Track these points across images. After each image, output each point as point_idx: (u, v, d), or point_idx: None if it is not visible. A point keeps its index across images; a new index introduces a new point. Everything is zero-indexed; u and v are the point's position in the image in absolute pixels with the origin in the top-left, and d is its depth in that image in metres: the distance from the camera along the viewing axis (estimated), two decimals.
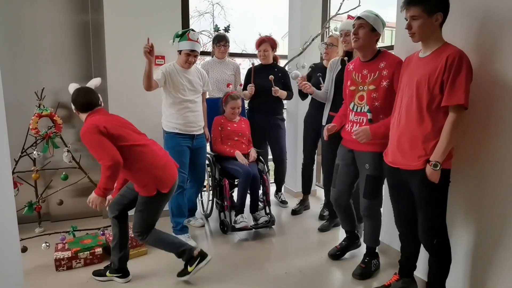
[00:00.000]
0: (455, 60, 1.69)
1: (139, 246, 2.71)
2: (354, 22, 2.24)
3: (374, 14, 2.21)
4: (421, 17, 1.76)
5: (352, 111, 2.35)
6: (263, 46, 3.47)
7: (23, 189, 2.85)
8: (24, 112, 2.93)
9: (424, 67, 1.81)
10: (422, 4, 1.75)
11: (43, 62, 3.14)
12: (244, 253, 2.79)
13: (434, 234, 1.89)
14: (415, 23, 1.79)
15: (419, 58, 1.89)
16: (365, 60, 2.29)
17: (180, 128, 2.88)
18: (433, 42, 1.82)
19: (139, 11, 3.12)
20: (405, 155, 1.89)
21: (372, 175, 2.29)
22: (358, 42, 2.22)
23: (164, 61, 3.22)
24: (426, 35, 1.80)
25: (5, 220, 1.65)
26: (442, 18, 1.76)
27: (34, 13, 3.07)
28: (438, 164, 1.75)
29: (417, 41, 1.86)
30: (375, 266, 2.47)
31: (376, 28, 2.20)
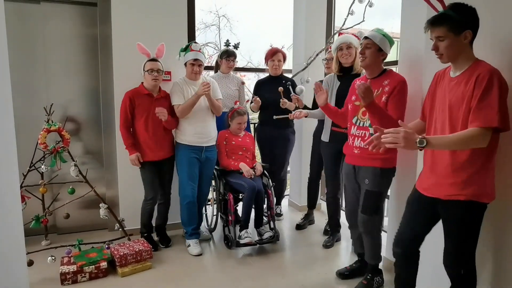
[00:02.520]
0: (485, 78, 1.55)
1: (143, 260, 2.72)
2: (362, 42, 2.28)
3: (381, 34, 2.24)
4: (447, 37, 1.63)
5: (354, 125, 2.37)
6: (277, 56, 3.52)
7: (30, 202, 2.89)
8: (33, 127, 2.99)
9: (456, 89, 1.68)
10: (448, 23, 1.62)
11: (52, 76, 3.22)
12: (248, 269, 2.78)
13: (462, 264, 1.76)
14: (441, 44, 1.66)
15: (450, 78, 1.74)
16: (371, 77, 2.33)
17: (189, 140, 2.96)
18: (463, 61, 1.68)
19: (146, 24, 3.19)
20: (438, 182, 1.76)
21: (371, 190, 2.28)
22: (365, 61, 2.26)
23: (170, 76, 3.28)
24: (455, 55, 1.67)
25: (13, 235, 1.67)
26: (471, 35, 1.63)
27: (45, 27, 3.15)
28: (424, 142, 1.55)
29: (446, 62, 1.73)
30: (377, 283, 2.44)
31: (383, 48, 2.24)
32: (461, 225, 1.71)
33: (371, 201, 2.30)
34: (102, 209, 2.89)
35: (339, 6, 4.08)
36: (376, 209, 2.33)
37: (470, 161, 1.65)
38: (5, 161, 1.61)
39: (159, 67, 2.91)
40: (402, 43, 2.49)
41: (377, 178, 2.25)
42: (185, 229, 3.09)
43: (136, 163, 2.90)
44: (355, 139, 2.35)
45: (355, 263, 2.68)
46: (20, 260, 1.74)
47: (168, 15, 3.28)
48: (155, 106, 2.91)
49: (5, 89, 1.62)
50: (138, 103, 2.91)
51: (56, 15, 3.18)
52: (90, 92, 3.36)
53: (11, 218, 1.65)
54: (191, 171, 2.97)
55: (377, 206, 2.32)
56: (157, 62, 2.93)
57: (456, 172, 1.68)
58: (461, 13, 1.62)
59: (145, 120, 2.92)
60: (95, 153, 3.42)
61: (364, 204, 2.33)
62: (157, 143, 2.96)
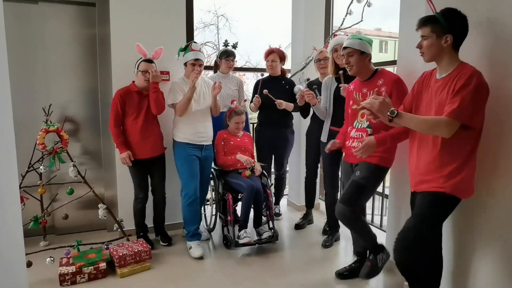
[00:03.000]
0: (464, 77, 1.67)
1: (142, 260, 2.72)
2: (343, 53, 2.34)
3: (358, 39, 2.29)
4: (430, 37, 1.78)
5: (353, 128, 2.40)
6: (271, 57, 3.52)
7: (29, 203, 2.89)
8: (31, 128, 2.98)
9: (442, 91, 1.78)
10: (432, 25, 1.77)
11: (51, 77, 3.21)
12: (247, 269, 2.78)
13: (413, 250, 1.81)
14: (424, 42, 1.81)
15: (436, 80, 1.85)
16: (364, 80, 2.36)
17: (190, 139, 2.96)
18: (447, 64, 1.80)
19: (144, 24, 3.18)
20: (421, 178, 1.87)
21: (357, 181, 2.30)
22: (353, 69, 2.32)
23: (169, 76, 3.28)
24: (434, 55, 1.81)
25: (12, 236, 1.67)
26: (451, 40, 1.75)
27: (43, 28, 3.14)
28: (395, 112, 1.72)
29: (427, 61, 1.86)
30: (382, 260, 2.37)
31: (365, 50, 2.29)
32: (431, 213, 1.81)
33: (352, 191, 2.31)
34: (101, 210, 2.89)
35: (338, 6, 4.10)
36: (354, 200, 2.31)
37: (452, 158, 1.75)
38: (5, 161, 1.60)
39: (154, 68, 2.92)
40: (401, 43, 2.50)
41: (368, 172, 2.28)
42: (186, 229, 3.06)
43: (127, 161, 2.89)
44: (354, 141, 2.37)
45: (354, 263, 2.67)
46: (19, 261, 1.73)
47: (167, 15, 3.27)
48: (146, 103, 2.92)
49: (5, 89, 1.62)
50: (128, 101, 2.91)
51: (54, 15, 3.17)
52: (89, 93, 3.35)
53: (10, 219, 1.65)
54: (192, 169, 2.97)
55: (355, 197, 2.31)
56: (152, 64, 2.93)
57: (438, 168, 1.79)
58: (448, 18, 1.75)
59: (135, 117, 2.92)
60: (93, 153, 3.41)
61: (344, 193, 2.35)
62: (147, 141, 2.96)
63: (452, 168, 1.76)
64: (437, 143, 1.79)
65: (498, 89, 1.76)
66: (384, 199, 3.44)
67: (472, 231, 1.98)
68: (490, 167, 1.85)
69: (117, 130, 2.91)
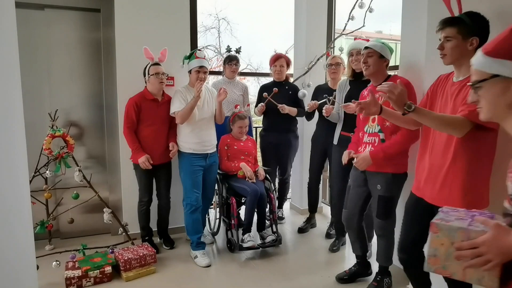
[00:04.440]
0: None
1: (147, 264, 2.74)
2: (363, 52, 2.35)
3: (380, 43, 2.32)
4: (455, 38, 1.71)
5: (365, 133, 2.41)
6: (279, 62, 3.55)
7: (34, 208, 2.89)
8: (37, 133, 3.01)
9: (457, 95, 1.73)
10: (459, 25, 1.70)
11: (56, 81, 3.24)
12: (251, 272, 2.80)
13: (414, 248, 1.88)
14: (448, 44, 1.73)
15: (453, 83, 1.79)
16: (377, 84, 2.36)
17: (194, 148, 2.97)
18: (466, 68, 1.68)
19: (148, 29, 3.21)
20: (434, 188, 1.81)
21: (384, 196, 2.32)
22: (369, 69, 2.33)
23: (173, 82, 3.31)
24: (457, 58, 1.73)
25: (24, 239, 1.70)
26: (477, 43, 1.68)
27: (48, 32, 3.18)
28: (412, 106, 1.64)
29: (448, 63, 1.79)
30: (387, 285, 2.47)
31: (384, 54, 2.31)
32: None
33: (384, 206, 2.34)
34: (106, 214, 2.91)
35: (340, 10, 4.12)
36: (390, 213, 2.37)
37: (469, 169, 1.69)
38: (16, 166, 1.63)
39: (163, 71, 2.96)
40: (403, 47, 2.53)
41: (389, 183, 2.29)
42: (190, 238, 3.06)
43: (147, 165, 2.90)
44: (367, 146, 2.37)
45: (353, 266, 2.70)
46: (29, 266, 1.76)
47: (171, 19, 3.31)
48: (161, 111, 2.96)
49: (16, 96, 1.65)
50: (144, 108, 2.94)
51: (60, 21, 3.21)
52: (94, 97, 3.39)
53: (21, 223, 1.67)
54: (195, 180, 2.97)
55: (390, 210, 2.36)
56: (161, 66, 2.97)
57: (454, 180, 1.72)
58: (474, 20, 1.69)
59: (150, 125, 2.96)
60: (98, 157, 3.44)
61: (378, 210, 2.37)
62: (157, 148, 2.99)
63: (466, 179, 1.69)
64: (450, 150, 1.73)
65: None
66: None
67: None
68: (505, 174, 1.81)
69: (132, 136, 2.93)
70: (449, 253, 1.07)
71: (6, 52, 1.57)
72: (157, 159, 3.00)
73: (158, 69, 2.93)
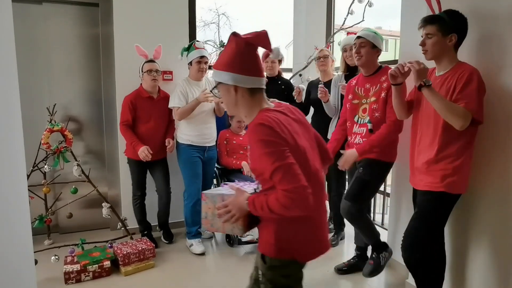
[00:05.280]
0: (466, 74, 1.74)
1: (146, 259, 2.74)
2: (355, 42, 2.35)
3: (373, 32, 2.32)
4: (435, 35, 1.82)
5: (356, 123, 2.42)
6: (270, 58, 3.53)
7: (33, 202, 2.90)
8: (36, 127, 3.00)
9: (441, 86, 1.85)
10: (438, 23, 1.81)
11: (54, 76, 3.23)
12: (250, 266, 2.77)
13: (419, 248, 1.88)
14: (429, 41, 1.85)
15: (435, 77, 1.92)
16: (368, 75, 2.39)
17: (193, 140, 2.96)
18: (446, 62, 1.86)
19: (147, 23, 3.20)
20: (421, 175, 1.93)
21: (359, 177, 2.33)
22: (361, 59, 2.33)
23: (172, 76, 3.29)
24: (438, 53, 1.86)
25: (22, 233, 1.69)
26: (456, 39, 1.81)
27: (46, 28, 3.16)
28: (430, 82, 1.78)
29: (429, 59, 1.90)
30: (385, 259, 2.41)
31: (377, 44, 2.32)
32: (431, 212, 1.88)
33: (356, 187, 2.34)
34: (105, 209, 2.91)
35: (339, 5, 4.10)
36: (358, 197, 2.33)
37: (450, 155, 1.81)
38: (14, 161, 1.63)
39: (157, 68, 2.94)
40: (402, 43, 2.52)
41: (370, 167, 2.31)
42: (188, 229, 3.08)
43: (146, 154, 2.87)
44: (356, 136, 2.40)
45: (353, 259, 2.72)
46: (28, 260, 1.76)
47: (170, 14, 3.29)
48: (157, 108, 2.95)
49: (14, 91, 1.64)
50: (139, 106, 2.93)
51: (58, 16, 3.19)
52: (92, 92, 3.38)
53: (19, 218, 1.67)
54: (194, 171, 2.99)
55: (360, 194, 2.33)
56: (155, 63, 2.96)
57: (436, 165, 1.84)
58: (453, 18, 1.81)
59: (146, 122, 2.96)
60: (97, 152, 3.43)
61: (348, 190, 2.39)
62: (155, 145, 2.99)
63: (449, 165, 1.81)
64: (436, 139, 1.84)
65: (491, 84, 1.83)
66: (386, 197, 3.47)
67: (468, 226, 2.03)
68: (484, 163, 1.91)
69: (128, 132, 2.93)
70: (214, 214, 1.42)
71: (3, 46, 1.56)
72: (154, 155, 3.00)
73: (151, 66, 2.92)
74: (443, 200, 1.85)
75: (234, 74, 1.30)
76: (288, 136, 1.26)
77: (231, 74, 1.31)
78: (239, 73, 1.30)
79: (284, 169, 1.19)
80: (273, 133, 1.23)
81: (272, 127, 1.23)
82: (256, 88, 1.35)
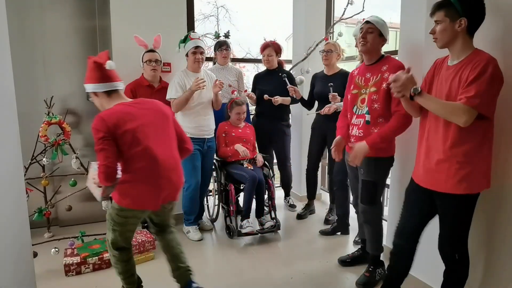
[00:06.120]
0: (481, 64, 1.60)
1: (146, 251, 2.75)
2: (362, 26, 2.27)
3: (382, 21, 2.26)
4: (443, 21, 1.72)
5: (354, 114, 2.37)
6: (267, 51, 3.51)
7: (32, 195, 2.90)
8: (33, 120, 2.98)
9: (453, 78, 1.72)
10: (446, 8, 1.71)
11: (51, 69, 3.21)
12: (249, 258, 2.81)
13: (456, 249, 1.84)
14: (438, 27, 1.75)
15: (448, 67, 1.79)
16: (369, 64, 2.33)
17: (191, 132, 2.95)
18: (460, 50, 1.73)
19: (145, 15, 3.17)
20: (432, 173, 1.80)
21: (366, 180, 2.29)
22: (366, 46, 2.25)
23: (170, 68, 3.27)
24: (448, 40, 1.74)
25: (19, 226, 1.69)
26: (466, 23, 1.67)
27: (43, 20, 3.13)
28: (418, 90, 1.70)
29: (441, 47, 1.80)
30: (379, 275, 2.44)
31: (384, 33, 2.25)
32: (456, 215, 1.79)
33: (367, 191, 2.31)
34: (104, 201, 2.90)
35: None
36: (373, 198, 2.32)
37: (467, 154, 1.69)
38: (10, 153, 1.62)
39: (157, 57, 2.94)
40: (402, 34, 2.49)
41: (371, 167, 2.26)
42: (186, 217, 3.11)
43: None
44: (354, 128, 2.35)
45: (357, 251, 2.71)
46: (26, 252, 1.76)
47: (167, 6, 3.25)
48: (156, 97, 2.93)
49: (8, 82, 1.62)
50: (139, 94, 2.93)
51: (54, 7, 3.16)
52: None
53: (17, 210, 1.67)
54: (193, 163, 2.98)
55: (373, 196, 2.31)
56: (155, 53, 2.95)
57: (452, 166, 1.72)
58: (463, 1, 1.67)
59: None
60: None
61: (361, 194, 2.35)
62: None
63: (466, 164, 1.69)
64: (448, 136, 1.72)
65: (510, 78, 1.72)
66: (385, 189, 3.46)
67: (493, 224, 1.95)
68: (504, 160, 1.83)
69: None
70: None
71: None
72: None
73: (151, 56, 2.92)
74: (466, 201, 1.75)
75: (91, 84, 1.89)
76: (115, 123, 1.76)
77: (89, 85, 1.89)
78: (94, 83, 1.87)
79: (97, 151, 1.74)
80: (99, 124, 1.75)
81: (102, 118, 1.76)
82: (111, 90, 1.90)
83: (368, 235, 2.44)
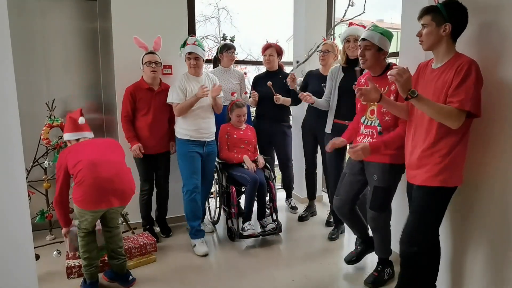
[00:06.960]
0: (464, 67, 1.73)
1: (148, 253, 2.75)
2: (360, 43, 2.26)
3: (379, 32, 2.20)
4: (429, 25, 1.83)
5: (363, 124, 2.36)
6: (269, 51, 3.52)
7: (35, 198, 2.91)
8: (35, 123, 2.99)
9: (437, 80, 1.84)
10: (433, 13, 1.82)
11: (53, 71, 3.22)
12: (251, 260, 2.81)
13: (417, 242, 1.90)
14: (424, 31, 1.87)
15: (432, 70, 1.91)
16: (376, 75, 2.31)
17: (191, 135, 2.94)
18: (443, 53, 1.85)
19: (146, 17, 3.17)
20: (417, 169, 1.92)
21: (379, 186, 2.26)
22: (366, 63, 2.25)
23: (171, 70, 3.28)
24: (432, 43, 1.86)
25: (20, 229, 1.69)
26: (450, 29, 1.79)
27: (44, 22, 3.14)
28: (416, 93, 1.74)
29: (425, 49, 1.91)
30: (388, 275, 2.44)
31: (383, 47, 2.21)
32: (428, 207, 1.89)
33: (379, 197, 2.28)
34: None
35: None
36: (385, 205, 2.31)
37: (447, 148, 1.81)
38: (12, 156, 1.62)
39: (156, 59, 2.93)
40: (403, 35, 2.49)
41: (385, 174, 2.24)
42: (189, 225, 3.04)
43: (138, 153, 2.92)
44: (365, 137, 2.33)
45: (359, 245, 2.67)
46: (28, 255, 1.76)
47: (168, 8, 3.26)
48: (156, 100, 2.94)
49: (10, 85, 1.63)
50: (139, 97, 2.93)
51: (56, 9, 3.17)
52: (91, 87, 3.36)
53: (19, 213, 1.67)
54: (193, 165, 2.96)
55: (385, 202, 2.30)
56: (155, 55, 2.94)
57: (430, 159, 1.85)
58: (448, 8, 1.80)
59: (146, 114, 2.95)
60: None
61: (372, 201, 2.31)
62: (155, 137, 2.99)
63: (444, 158, 1.81)
64: (432, 133, 1.84)
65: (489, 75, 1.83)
66: None
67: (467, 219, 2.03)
68: (480, 155, 1.93)
69: (128, 125, 2.95)
70: None
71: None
72: (155, 149, 3.00)
73: (150, 57, 2.92)
74: (439, 194, 1.85)
75: (66, 134, 2.48)
76: (68, 158, 2.26)
77: (65, 134, 2.48)
78: (67, 132, 2.47)
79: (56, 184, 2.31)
80: (59, 161, 2.31)
81: (60, 156, 2.33)
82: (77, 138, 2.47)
83: (377, 241, 2.43)
